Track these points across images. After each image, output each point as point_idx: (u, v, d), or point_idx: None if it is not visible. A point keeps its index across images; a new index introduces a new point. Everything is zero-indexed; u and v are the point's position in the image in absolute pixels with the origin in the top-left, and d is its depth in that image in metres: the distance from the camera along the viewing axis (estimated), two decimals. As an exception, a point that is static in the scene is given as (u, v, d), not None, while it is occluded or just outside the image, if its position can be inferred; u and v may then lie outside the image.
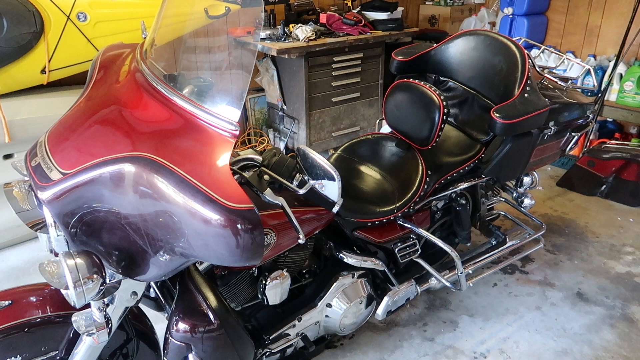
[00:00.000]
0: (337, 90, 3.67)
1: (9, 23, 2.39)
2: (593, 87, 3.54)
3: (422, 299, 2.40)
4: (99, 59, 1.56)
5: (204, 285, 1.45)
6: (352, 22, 3.63)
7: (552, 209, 3.22)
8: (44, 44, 2.56)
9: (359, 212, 1.78)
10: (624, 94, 3.61)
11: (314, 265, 1.86)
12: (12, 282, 2.52)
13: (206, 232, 1.07)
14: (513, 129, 1.87)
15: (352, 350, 2.10)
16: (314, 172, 1.36)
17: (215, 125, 1.19)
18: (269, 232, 1.36)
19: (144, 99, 1.30)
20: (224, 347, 1.44)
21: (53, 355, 1.37)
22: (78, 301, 1.11)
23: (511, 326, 2.24)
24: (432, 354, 2.09)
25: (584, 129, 2.35)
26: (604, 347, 2.12)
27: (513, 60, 2.01)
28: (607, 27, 3.96)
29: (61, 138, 1.28)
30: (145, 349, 1.57)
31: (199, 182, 1.08)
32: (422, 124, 1.84)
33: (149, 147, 1.15)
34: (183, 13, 1.74)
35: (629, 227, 3.02)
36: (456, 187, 2.04)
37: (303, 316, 1.76)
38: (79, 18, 2.65)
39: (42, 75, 2.64)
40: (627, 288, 2.48)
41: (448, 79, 2.25)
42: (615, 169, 3.30)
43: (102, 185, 1.15)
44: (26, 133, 2.58)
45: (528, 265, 2.66)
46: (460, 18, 4.71)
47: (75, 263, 1.10)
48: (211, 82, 1.48)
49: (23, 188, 1.39)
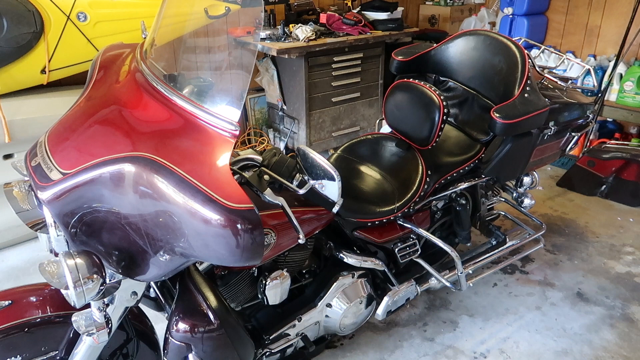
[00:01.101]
0: (337, 90, 3.67)
1: (9, 23, 2.39)
2: (593, 87, 3.54)
3: (422, 299, 2.40)
4: (99, 59, 1.56)
5: (204, 285, 1.45)
6: (352, 22, 3.63)
7: (552, 209, 3.22)
8: (44, 44, 2.56)
9: (359, 212, 1.78)
10: (624, 94, 3.61)
11: (314, 265, 1.86)
12: (12, 282, 2.52)
13: (206, 232, 1.07)
14: (513, 129, 1.87)
15: (352, 350, 2.10)
16: (314, 172, 1.36)
17: (215, 125, 1.19)
18: (269, 232, 1.36)
19: (144, 99, 1.30)
20: (224, 347, 1.44)
21: (53, 355, 1.37)
22: (78, 301, 1.11)
23: (511, 326, 2.24)
24: (432, 354, 2.09)
25: (584, 129, 2.35)
26: (604, 347, 2.12)
27: (513, 60, 2.01)
28: (607, 27, 3.96)
29: (61, 138, 1.28)
30: (145, 349, 1.57)
31: (199, 182, 1.08)
32: (422, 124, 1.85)
33: (149, 147, 1.15)
34: (183, 13, 1.74)
35: (629, 227, 3.02)
36: (456, 187, 2.04)
37: (303, 316, 1.76)
38: (79, 18, 2.65)
39: (42, 75, 2.64)
40: (627, 288, 2.48)
41: (448, 79, 2.25)
42: (615, 169, 3.30)
43: (102, 185, 1.15)
44: (26, 133, 2.58)
45: (528, 265, 2.66)
46: (460, 18, 4.71)
47: (75, 263, 1.10)
48: (211, 82, 1.48)
49: (23, 188, 1.39)
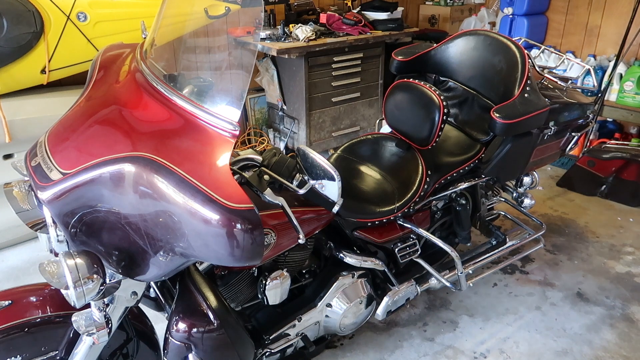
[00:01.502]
0: (337, 90, 3.67)
1: (9, 23, 2.39)
2: (593, 87, 3.54)
3: (422, 299, 2.40)
4: (99, 59, 1.56)
5: (204, 285, 1.45)
6: (352, 22, 3.63)
7: (552, 209, 3.22)
8: (44, 44, 2.56)
9: (359, 212, 1.78)
10: (624, 94, 3.61)
11: (314, 265, 1.86)
12: (12, 282, 2.52)
13: (206, 232, 1.07)
14: (513, 129, 1.87)
15: (352, 350, 2.10)
16: (314, 172, 1.36)
17: (215, 125, 1.19)
18: (269, 232, 1.36)
19: (144, 99, 1.30)
20: (224, 347, 1.44)
21: (53, 355, 1.37)
22: (78, 301, 1.11)
23: (511, 326, 2.24)
24: (432, 354, 2.09)
25: (584, 129, 2.35)
26: (604, 347, 2.12)
27: (513, 60, 2.01)
28: (607, 27, 3.96)
29: (61, 138, 1.28)
30: (145, 349, 1.57)
31: (199, 182, 1.08)
32: (422, 124, 1.84)
33: (149, 147, 1.15)
34: (183, 13, 1.74)
35: (629, 227, 3.02)
36: (456, 187, 2.04)
37: (303, 316, 1.76)
38: (79, 18, 2.64)
39: (42, 75, 2.64)
40: (627, 288, 2.48)
41: (448, 79, 2.25)
42: (615, 169, 3.30)
43: (102, 185, 1.15)
44: (26, 133, 2.58)
45: (528, 265, 2.66)
46: (460, 18, 4.71)
47: (75, 263, 1.10)
48: (211, 82, 1.48)
49: (23, 188, 1.39)
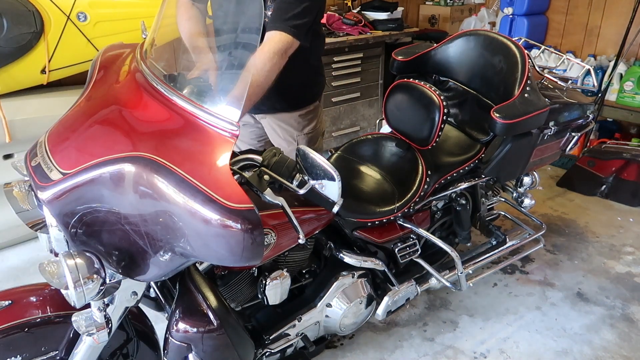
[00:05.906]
0: (337, 90, 3.66)
1: (9, 23, 2.39)
2: (593, 87, 3.52)
3: (422, 299, 2.40)
4: (99, 59, 1.56)
5: (204, 285, 1.45)
6: (352, 22, 3.63)
7: (552, 209, 3.22)
8: (44, 44, 2.56)
9: (359, 212, 1.78)
10: (624, 94, 3.61)
11: (314, 265, 1.86)
12: (12, 282, 2.52)
13: (206, 232, 1.06)
14: (513, 129, 1.87)
15: (352, 350, 2.10)
16: (314, 172, 1.35)
17: (215, 125, 1.18)
18: (269, 232, 1.35)
19: (144, 99, 1.30)
20: (224, 347, 1.44)
21: (53, 355, 1.37)
22: (78, 301, 1.11)
23: (511, 326, 2.24)
24: (432, 354, 2.09)
25: (584, 129, 2.35)
26: (604, 347, 2.12)
27: (513, 60, 2.01)
28: (607, 27, 3.96)
29: (61, 138, 1.27)
30: (145, 349, 1.57)
31: (199, 182, 1.08)
32: (422, 124, 1.84)
33: (149, 147, 1.15)
34: (183, 13, 1.74)
35: (629, 227, 3.02)
36: (456, 187, 2.03)
37: (303, 316, 1.75)
38: (79, 18, 2.64)
39: (42, 75, 2.64)
40: (627, 288, 2.48)
41: (448, 79, 2.25)
42: (615, 169, 3.30)
43: (102, 185, 1.15)
44: (26, 133, 2.57)
45: (528, 265, 2.66)
46: (460, 18, 4.71)
47: (75, 263, 1.10)
48: (211, 82, 1.47)
49: (23, 188, 1.39)
